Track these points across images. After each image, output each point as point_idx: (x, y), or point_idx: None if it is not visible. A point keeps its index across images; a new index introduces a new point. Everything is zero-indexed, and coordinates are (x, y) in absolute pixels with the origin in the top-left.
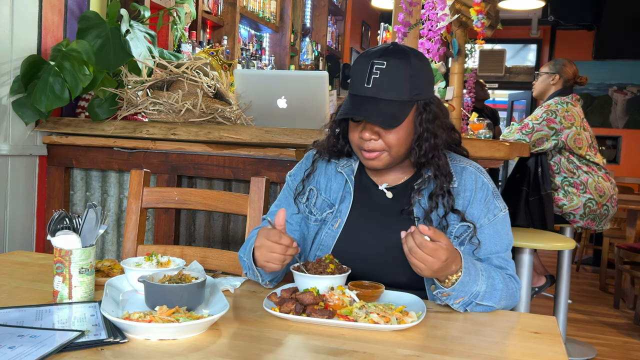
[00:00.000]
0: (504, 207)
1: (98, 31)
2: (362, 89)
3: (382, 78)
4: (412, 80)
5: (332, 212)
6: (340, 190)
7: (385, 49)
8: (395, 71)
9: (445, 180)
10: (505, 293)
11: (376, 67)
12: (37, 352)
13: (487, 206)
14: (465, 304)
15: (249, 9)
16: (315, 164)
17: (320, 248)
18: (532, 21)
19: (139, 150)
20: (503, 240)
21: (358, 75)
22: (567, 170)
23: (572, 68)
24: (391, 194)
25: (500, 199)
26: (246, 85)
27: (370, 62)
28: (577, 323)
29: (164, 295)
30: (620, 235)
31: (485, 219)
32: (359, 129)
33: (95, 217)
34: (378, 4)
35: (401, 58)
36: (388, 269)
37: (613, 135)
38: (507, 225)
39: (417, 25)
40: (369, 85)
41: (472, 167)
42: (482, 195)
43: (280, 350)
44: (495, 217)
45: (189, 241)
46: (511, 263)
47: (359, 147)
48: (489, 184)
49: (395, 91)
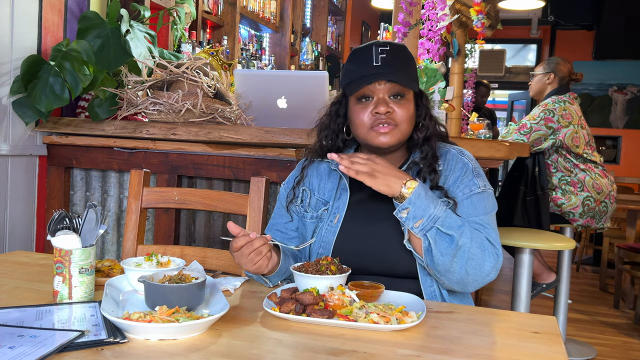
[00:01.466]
0: (484, 185)
1: (98, 31)
2: (371, 67)
3: (389, 57)
4: (412, 66)
5: (327, 209)
6: (335, 189)
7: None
8: (399, 54)
9: (432, 160)
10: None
11: (381, 49)
12: (37, 352)
13: (463, 182)
14: (425, 229)
15: (249, 9)
16: (304, 171)
17: (322, 245)
18: (532, 21)
19: (139, 150)
20: (477, 208)
21: (360, 60)
22: (564, 168)
23: (567, 66)
24: None
25: (481, 178)
26: (246, 85)
27: (373, 46)
28: (577, 323)
29: (164, 295)
30: (620, 235)
31: (461, 193)
32: (370, 107)
33: (95, 217)
34: (378, 4)
35: (400, 46)
36: (388, 257)
37: (613, 135)
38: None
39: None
40: (378, 63)
41: (455, 150)
42: (460, 174)
43: (280, 350)
44: (471, 192)
45: (189, 241)
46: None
47: (371, 125)
48: (469, 164)
49: (402, 70)
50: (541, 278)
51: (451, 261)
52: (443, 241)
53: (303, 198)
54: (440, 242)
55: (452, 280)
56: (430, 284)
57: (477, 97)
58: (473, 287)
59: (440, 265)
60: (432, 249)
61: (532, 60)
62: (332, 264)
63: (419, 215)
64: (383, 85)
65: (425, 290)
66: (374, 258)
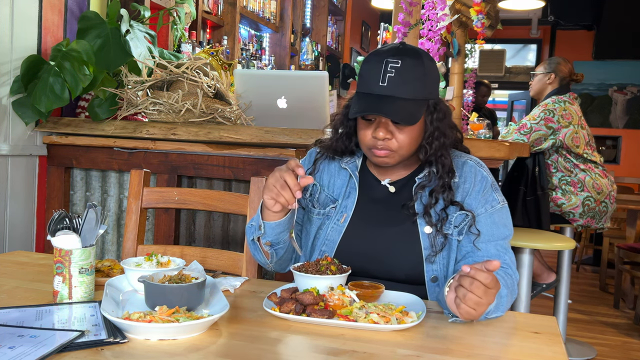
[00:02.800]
0: (502, 200)
1: (98, 31)
2: (377, 87)
3: (398, 77)
4: (425, 80)
5: (335, 207)
6: (344, 186)
7: (398, 49)
8: (410, 70)
9: (447, 177)
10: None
11: (391, 66)
12: (37, 352)
13: (484, 197)
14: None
15: (249, 9)
16: (317, 165)
17: (326, 243)
18: (532, 21)
19: (139, 150)
20: (501, 230)
21: (371, 74)
22: (564, 168)
23: (567, 66)
24: (394, 188)
25: (499, 192)
26: (246, 85)
27: (384, 60)
28: (577, 323)
29: (164, 295)
30: (620, 235)
31: (482, 209)
32: (372, 128)
33: (95, 217)
34: (378, 4)
35: (415, 57)
36: (391, 262)
37: (613, 135)
38: (506, 218)
39: (417, 25)
40: (384, 83)
41: (472, 162)
42: (480, 187)
43: (280, 350)
44: (492, 208)
45: (189, 241)
46: (510, 253)
47: (370, 146)
48: (487, 177)
49: (411, 90)
50: (541, 278)
51: None
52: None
53: (312, 192)
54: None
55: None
56: (438, 292)
57: (478, 97)
58: None
59: None
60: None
61: (532, 60)
62: (332, 264)
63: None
64: None
65: (430, 297)
66: (378, 263)
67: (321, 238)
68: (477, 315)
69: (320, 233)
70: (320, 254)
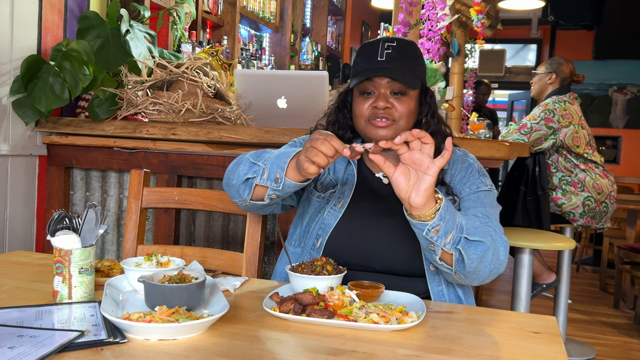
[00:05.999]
0: (490, 185)
1: (98, 31)
2: (376, 62)
3: (395, 53)
4: (418, 62)
5: (334, 192)
6: (342, 173)
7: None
8: (405, 49)
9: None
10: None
11: (387, 45)
12: (37, 352)
13: (469, 179)
14: (456, 242)
15: (249, 9)
16: None
17: (322, 227)
18: (532, 21)
19: (139, 150)
20: (484, 202)
21: (367, 54)
22: (564, 168)
23: (569, 67)
24: (387, 180)
25: (487, 177)
26: (246, 85)
27: (380, 41)
28: (577, 323)
29: (164, 295)
30: (620, 235)
31: (468, 189)
32: (370, 100)
33: (95, 217)
34: (378, 4)
35: (408, 42)
36: (386, 252)
37: (613, 135)
38: (493, 200)
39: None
40: (383, 58)
41: (459, 151)
42: (466, 172)
43: (280, 350)
44: (478, 189)
45: (189, 241)
46: (494, 222)
47: (369, 117)
48: (474, 164)
49: (408, 65)
50: (541, 278)
51: (478, 264)
52: (470, 248)
53: (320, 174)
54: (469, 250)
55: (476, 279)
56: (438, 283)
57: (479, 96)
58: (490, 279)
59: (469, 271)
60: (464, 259)
61: (532, 60)
62: (328, 264)
63: (449, 230)
64: (384, 81)
65: (432, 290)
66: (373, 253)
67: (318, 222)
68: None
69: (318, 217)
70: (316, 238)
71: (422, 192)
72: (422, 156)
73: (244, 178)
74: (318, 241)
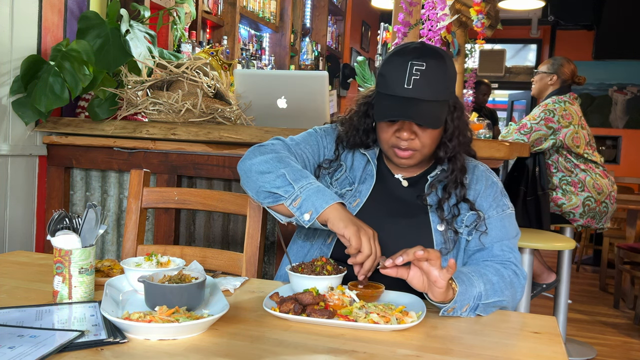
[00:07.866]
0: (511, 206)
1: (98, 31)
2: (402, 89)
3: (423, 79)
4: (447, 81)
5: (351, 190)
6: (361, 171)
7: (421, 50)
8: (434, 72)
9: (460, 174)
10: (502, 283)
11: (416, 68)
12: (37, 352)
13: (495, 201)
14: (473, 309)
15: (249, 9)
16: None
17: None
18: (532, 21)
19: (139, 150)
20: (509, 231)
21: (395, 76)
22: (564, 169)
23: (570, 67)
24: (407, 183)
25: (507, 198)
26: (246, 85)
27: (409, 62)
28: (577, 323)
29: (164, 295)
30: (620, 235)
31: (493, 212)
32: (394, 128)
33: (95, 217)
34: (378, 4)
35: (438, 59)
36: None
37: (613, 135)
38: (514, 223)
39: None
40: (410, 86)
41: (483, 167)
42: (491, 192)
43: (280, 350)
44: (503, 212)
45: (189, 241)
46: (515, 252)
47: (393, 144)
48: (498, 183)
49: (435, 91)
50: (541, 278)
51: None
52: (488, 308)
53: (337, 170)
54: (486, 309)
55: None
56: None
57: (479, 95)
58: None
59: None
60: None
61: (532, 60)
62: (328, 264)
63: (466, 302)
64: None
65: None
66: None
67: None
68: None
69: None
70: (327, 234)
71: (437, 295)
72: (430, 268)
73: (271, 190)
74: (329, 237)
